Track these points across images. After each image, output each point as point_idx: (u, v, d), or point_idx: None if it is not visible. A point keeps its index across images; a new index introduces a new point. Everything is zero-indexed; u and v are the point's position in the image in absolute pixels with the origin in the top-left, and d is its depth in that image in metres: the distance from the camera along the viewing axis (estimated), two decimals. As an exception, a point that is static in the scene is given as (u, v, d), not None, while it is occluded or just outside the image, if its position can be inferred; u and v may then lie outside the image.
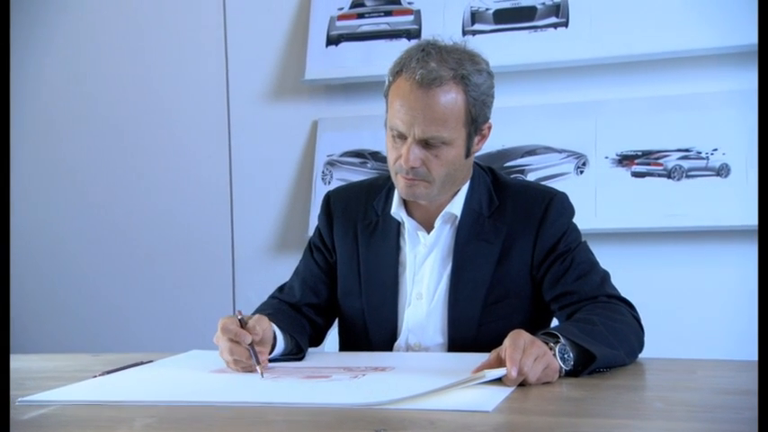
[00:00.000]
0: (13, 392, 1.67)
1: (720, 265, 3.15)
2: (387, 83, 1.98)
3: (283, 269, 3.58)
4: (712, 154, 3.13)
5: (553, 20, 3.28)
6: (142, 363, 1.95)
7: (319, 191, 3.49)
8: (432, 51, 1.91)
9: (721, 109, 3.14)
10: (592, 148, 3.25)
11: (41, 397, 1.60)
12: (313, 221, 3.47)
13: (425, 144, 1.91)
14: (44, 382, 1.77)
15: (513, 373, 1.51)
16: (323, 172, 3.51)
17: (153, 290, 3.77)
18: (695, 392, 1.47)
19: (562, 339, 1.64)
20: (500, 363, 1.57)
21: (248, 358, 1.75)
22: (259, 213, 3.66)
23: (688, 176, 3.14)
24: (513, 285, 1.98)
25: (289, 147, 3.63)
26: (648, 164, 3.19)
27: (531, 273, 1.98)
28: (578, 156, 3.25)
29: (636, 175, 3.19)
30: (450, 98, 1.89)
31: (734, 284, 3.12)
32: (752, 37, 3.05)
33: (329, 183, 3.49)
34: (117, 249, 3.81)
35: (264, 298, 3.59)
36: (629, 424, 1.28)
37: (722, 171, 3.11)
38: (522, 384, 1.54)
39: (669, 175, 3.16)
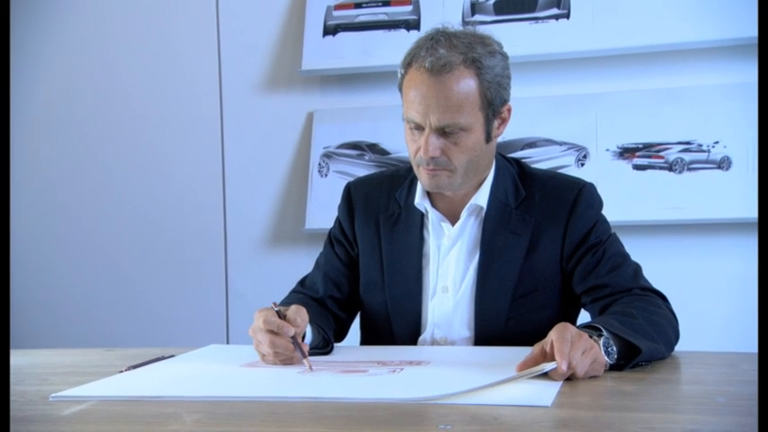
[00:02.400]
0: (39, 388, 1.64)
1: (722, 257, 3.15)
2: (399, 75, 1.94)
3: (278, 263, 3.56)
4: (714, 147, 3.13)
5: (554, 11, 3.26)
6: (164, 357, 1.89)
7: (315, 183, 3.45)
8: (441, 38, 1.88)
9: (723, 102, 3.14)
10: (593, 141, 3.24)
11: (75, 392, 1.54)
12: (310, 214, 3.44)
13: (443, 132, 1.87)
14: (69, 378, 1.72)
15: (564, 367, 1.48)
16: (319, 164, 3.46)
17: (144, 284, 3.69)
18: (752, 386, 1.44)
19: (605, 333, 1.61)
20: (544, 356, 1.54)
21: (291, 351, 1.71)
22: (253, 206, 3.60)
23: (689, 169, 3.14)
24: (542, 278, 1.95)
25: (283, 138, 3.57)
26: (650, 156, 3.18)
27: (561, 265, 1.96)
28: (579, 148, 3.24)
29: (637, 167, 3.19)
30: (463, 83, 1.85)
31: (735, 277, 3.13)
32: (753, 30, 3.06)
33: (326, 175, 3.44)
34: (107, 243, 3.73)
35: (258, 293, 3.57)
36: (701, 419, 1.25)
37: (723, 164, 3.11)
38: (568, 378, 1.51)
39: (670, 167, 3.16)
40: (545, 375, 1.50)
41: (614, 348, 1.61)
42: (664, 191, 3.15)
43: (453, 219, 2.00)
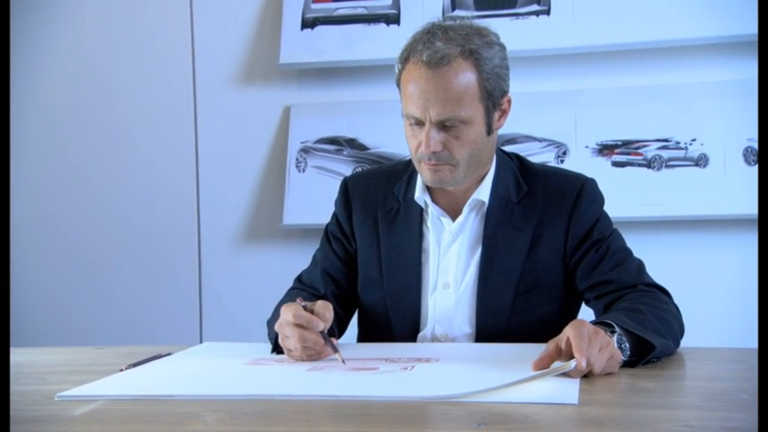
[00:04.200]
0: (39, 387, 1.60)
1: (699, 254, 3.18)
2: (397, 71, 1.92)
3: (254, 260, 3.51)
4: (691, 144, 3.15)
5: (535, 7, 3.26)
6: (161, 355, 1.85)
7: (293, 178, 3.41)
8: (437, 32, 1.86)
9: (700, 99, 3.17)
10: (572, 138, 3.24)
11: (82, 391, 1.49)
12: (287, 210, 3.39)
13: (443, 126, 1.85)
14: (67, 377, 1.68)
15: (584, 364, 1.46)
16: (297, 159, 3.42)
17: (115, 281, 3.61)
18: (769, 382, 1.44)
19: (618, 329, 1.60)
20: (559, 353, 1.53)
21: (320, 346, 1.69)
22: (228, 202, 3.54)
23: (667, 166, 3.16)
24: (545, 274, 1.94)
25: (259, 133, 3.52)
26: (628, 153, 3.20)
27: (564, 261, 1.94)
28: (559, 145, 3.24)
29: (616, 164, 3.20)
30: (462, 75, 1.83)
31: (713, 273, 3.16)
32: (731, 28, 3.09)
33: (303, 170, 3.40)
34: (78, 238, 3.64)
35: (233, 290, 3.52)
36: (734, 417, 1.23)
37: (701, 161, 3.14)
38: (584, 375, 1.50)
39: (649, 164, 3.17)
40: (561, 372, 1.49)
41: (627, 345, 1.60)
42: (642, 188, 3.17)
43: (453, 214, 1.98)
